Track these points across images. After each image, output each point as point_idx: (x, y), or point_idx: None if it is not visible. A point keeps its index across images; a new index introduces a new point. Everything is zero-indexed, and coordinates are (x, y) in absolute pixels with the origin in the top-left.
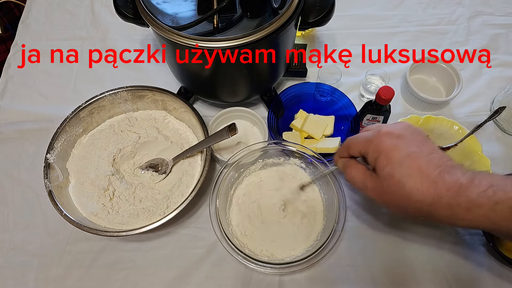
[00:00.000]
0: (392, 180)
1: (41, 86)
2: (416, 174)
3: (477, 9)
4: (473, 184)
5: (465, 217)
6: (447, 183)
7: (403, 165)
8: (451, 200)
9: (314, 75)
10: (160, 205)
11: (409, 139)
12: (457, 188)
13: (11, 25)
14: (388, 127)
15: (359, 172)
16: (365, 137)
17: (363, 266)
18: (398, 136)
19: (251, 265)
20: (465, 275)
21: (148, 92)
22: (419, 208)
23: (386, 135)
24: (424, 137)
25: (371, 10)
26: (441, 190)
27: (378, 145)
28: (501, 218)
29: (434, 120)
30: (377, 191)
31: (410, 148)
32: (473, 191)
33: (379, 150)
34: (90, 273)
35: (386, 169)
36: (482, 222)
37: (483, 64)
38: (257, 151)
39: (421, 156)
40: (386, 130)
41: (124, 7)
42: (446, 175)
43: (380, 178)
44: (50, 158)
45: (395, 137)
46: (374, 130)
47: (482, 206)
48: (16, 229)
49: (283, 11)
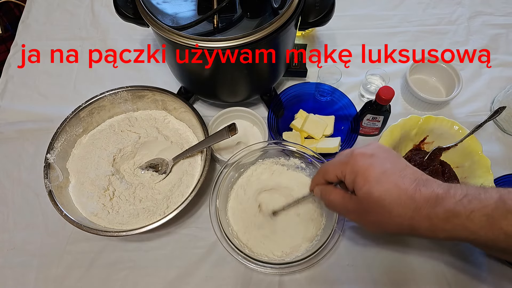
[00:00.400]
0: (372, 198)
1: (41, 86)
2: (393, 189)
3: (477, 9)
4: (449, 194)
5: (444, 227)
6: (424, 195)
7: (380, 182)
8: (430, 211)
9: (314, 75)
10: (160, 205)
11: (382, 157)
12: (434, 199)
13: (11, 25)
14: (361, 149)
15: (338, 196)
16: (340, 161)
17: (363, 266)
18: (371, 155)
19: (251, 265)
20: (464, 276)
21: (148, 92)
22: (400, 223)
23: (359, 156)
24: (396, 154)
25: (371, 10)
26: (420, 202)
27: (353, 166)
28: (478, 227)
29: (434, 120)
30: (358, 212)
31: (384, 166)
32: (449, 201)
33: (355, 171)
34: (90, 273)
35: (364, 188)
36: (461, 232)
37: (483, 64)
38: (257, 151)
39: (396, 171)
40: (359, 151)
41: (124, 7)
42: (422, 188)
43: (359, 198)
44: (50, 158)
45: (368, 157)
46: (347, 153)
47: (459, 216)
48: (16, 229)
49: (283, 11)
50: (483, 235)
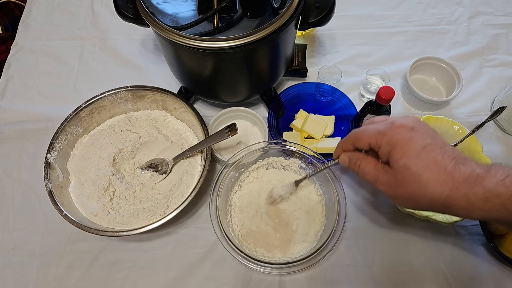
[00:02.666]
0: (408, 172)
1: (41, 86)
2: (433, 165)
3: (477, 9)
4: (489, 174)
5: (482, 207)
6: (463, 173)
7: (419, 157)
8: (468, 191)
9: (314, 75)
10: (160, 205)
11: (423, 132)
12: (473, 178)
13: (11, 25)
14: (401, 120)
15: (370, 164)
16: (377, 129)
17: (363, 266)
18: (412, 128)
19: (251, 265)
20: (465, 275)
21: (148, 92)
22: (435, 200)
23: (400, 127)
24: (434, 130)
25: (371, 10)
26: (458, 181)
27: (392, 138)
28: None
29: (434, 120)
30: (390, 184)
31: (425, 140)
32: (490, 181)
33: (394, 142)
34: (90, 273)
35: (401, 161)
36: (500, 212)
37: (483, 64)
38: (257, 151)
39: (436, 148)
40: (400, 122)
41: (124, 7)
42: (461, 166)
43: (394, 171)
44: (50, 158)
45: (409, 130)
46: (386, 122)
47: (500, 196)
48: (16, 229)
49: (283, 11)
50: None
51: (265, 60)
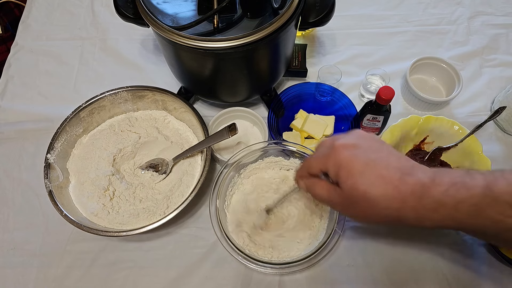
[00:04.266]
0: (356, 192)
1: (41, 86)
2: (378, 181)
3: (477, 9)
4: (435, 183)
5: (431, 218)
6: (409, 185)
7: (364, 174)
8: (416, 203)
9: (314, 75)
10: (160, 205)
11: (365, 147)
12: (420, 189)
13: (11, 25)
14: (342, 139)
15: (323, 189)
16: (322, 154)
17: (363, 266)
18: (353, 146)
19: (251, 265)
20: (465, 275)
21: (148, 92)
22: (388, 215)
23: (341, 148)
24: (379, 141)
25: (371, 10)
26: (406, 194)
27: (335, 159)
28: (465, 216)
29: (434, 120)
30: (344, 205)
31: (368, 156)
32: (436, 191)
33: (338, 164)
34: (90, 273)
35: (349, 182)
36: (448, 222)
37: (483, 64)
38: (257, 151)
39: (380, 162)
40: (341, 142)
41: (124, 7)
42: (407, 177)
43: (344, 192)
44: (50, 158)
45: (351, 148)
46: (329, 144)
47: (446, 206)
48: (16, 229)
49: (283, 11)
50: (471, 223)
51: (265, 60)
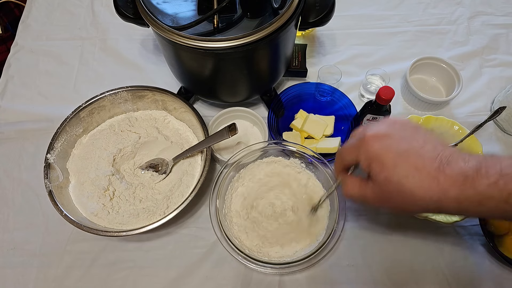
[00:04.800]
0: (391, 185)
1: (41, 86)
2: (413, 173)
3: (477, 9)
4: (480, 175)
5: (476, 210)
6: (449, 176)
7: (398, 166)
8: (459, 194)
9: (314, 75)
10: (160, 205)
11: (397, 137)
12: (462, 181)
13: (11, 25)
14: (373, 129)
15: (354, 185)
16: (352, 145)
17: (363, 266)
18: (384, 136)
19: (251, 265)
20: (465, 275)
21: (148, 92)
22: (426, 206)
23: (372, 139)
24: (413, 128)
25: (371, 10)
26: (445, 185)
27: (367, 152)
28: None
29: (434, 120)
30: (379, 198)
31: (400, 146)
32: (481, 183)
33: (370, 156)
34: (90, 273)
35: (382, 175)
36: (494, 213)
37: (483, 64)
38: (257, 151)
39: (414, 152)
40: (371, 134)
41: (124, 7)
42: (446, 167)
43: (378, 185)
44: (50, 158)
45: (382, 138)
46: (359, 134)
47: (494, 199)
48: (16, 229)
49: (283, 11)
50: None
51: (265, 60)
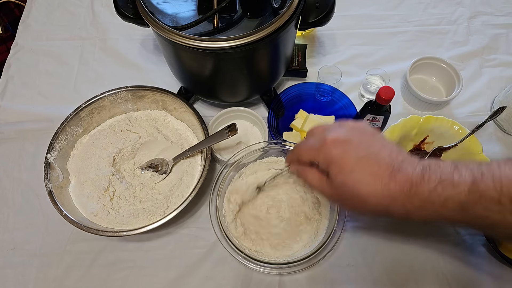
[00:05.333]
0: (346, 188)
1: (41, 86)
2: (368, 179)
3: (477, 9)
4: (423, 181)
5: (420, 214)
6: (399, 182)
7: (354, 172)
8: (405, 201)
9: (314, 75)
10: (160, 205)
11: (357, 143)
12: (408, 187)
13: (11, 25)
14: (334, 133)
15: (315, 178)
16: (313, 146)
17: (363, 266)
18: (344, 141)
19: (251, 265)
20: (465, 275)
21: (148, 92)
22: (377, 211)
23: (332, 144)
24: (371, 134)
25: (371, 10)
26: (395, 192)
27: (326, 155)
28: (452, 213)
29: (434, 120)
30: (334, 197)
31: (359, 152)
32: (424, 189)
33: (329, 159)
34: (90, 273)
35: (339, 178)
36: (435, 217)
37: (483, 64)
38: (257, 151)
39: (371, 158)
40: (332, 137)
41: (124, 7)
42: (397, 174)
43: (335, 186)
44: (50, 158)
45: (342, 144)
46: (320, 137)
47: (434, 204)
48: (16, 229)
49: (283, 11)
50: (457, 219)
51: (265, 60)
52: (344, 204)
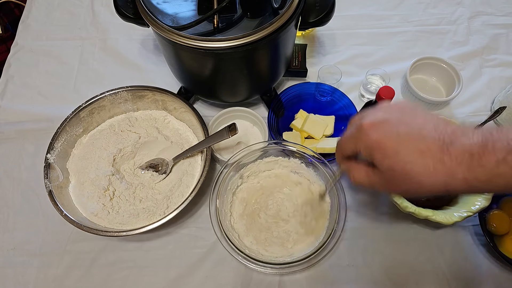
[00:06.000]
0: (395, 172)
1: (41, 86)
2: (417, 157)
3: (477, 9)
4: (487, 151)
5: (486, 188)
6: (455, 156)
7: (399, 153)
8: (466, 174)
9: (314, 75)
10: (160, 205)
11: (396, 121)
12: (469, 160)
13: (11, 25)
14: (369, 117)
15: (361, 172)
16: (351, 135)
17: (363, 266)
18: (382, 123)
19: (251, 265)
20: (465, 275)
21: (148, 92)
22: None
23: (370, 128)
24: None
25: (371, 10)
26: (452, 166)
27: (366, 141)
28: None
29: None
30: (386, 185)
31: (400, 131)
32: (489, 160)
33: (369, 146)
34: (90, 273)
35: (385, 163)
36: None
37: (483, 64)
38: (257, 151)
39: (415, 134)
40: (368, 122)
41: (124, 7)
42: (450, 147)
43: (383, 173)
44: (50, 158)
45: (380, 126)
46: (356, 123)
47: (504, 176)
48: (16, 229)
49: (283, 11)
50: None
51: (265, 60)
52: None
